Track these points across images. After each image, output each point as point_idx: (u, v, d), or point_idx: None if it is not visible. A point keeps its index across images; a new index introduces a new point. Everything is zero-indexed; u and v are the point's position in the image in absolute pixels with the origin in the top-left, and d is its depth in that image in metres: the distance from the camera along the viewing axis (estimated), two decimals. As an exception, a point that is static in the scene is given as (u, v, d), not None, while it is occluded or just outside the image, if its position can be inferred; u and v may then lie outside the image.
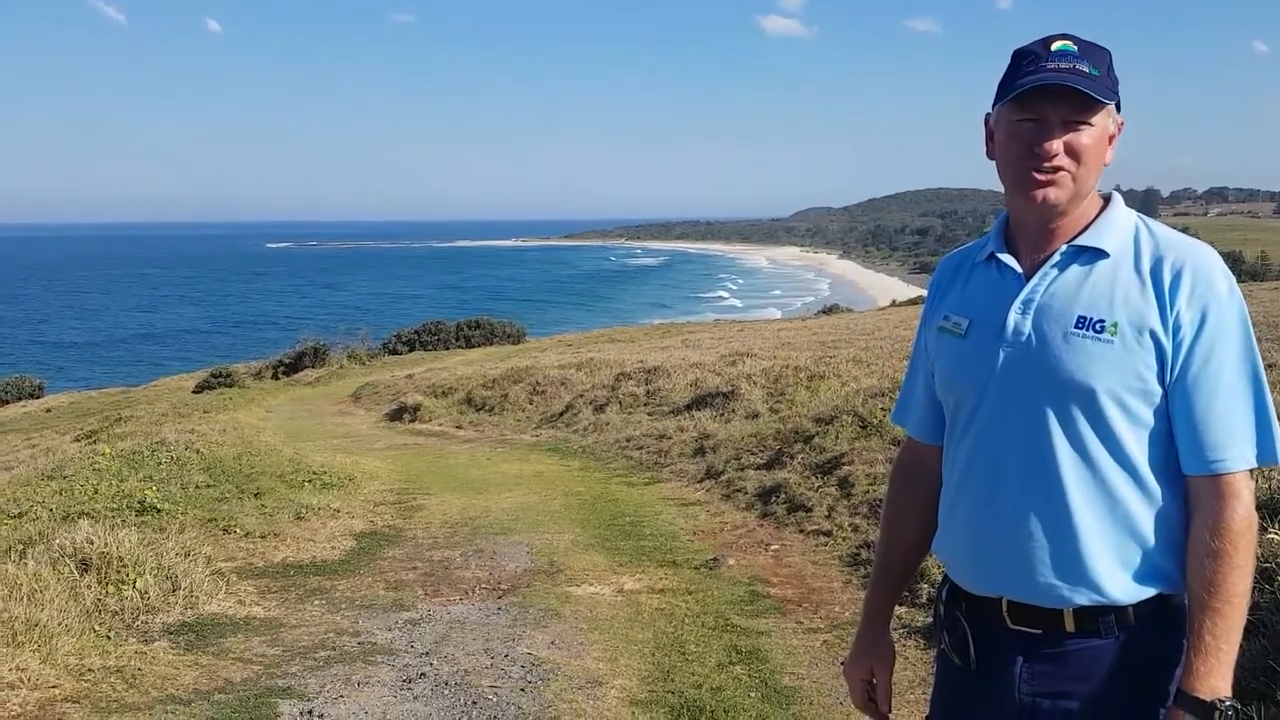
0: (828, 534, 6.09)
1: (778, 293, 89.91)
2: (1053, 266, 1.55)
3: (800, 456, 7.53)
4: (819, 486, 6.82)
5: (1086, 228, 1.55)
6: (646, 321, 43.21)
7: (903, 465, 1.84)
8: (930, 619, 3.35)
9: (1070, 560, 1.49)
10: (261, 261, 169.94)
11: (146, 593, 4.70)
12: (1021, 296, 1.55)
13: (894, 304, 41.50)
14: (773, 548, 6.07)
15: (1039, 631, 1.53)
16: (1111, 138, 1.54)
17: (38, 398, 30.09)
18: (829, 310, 38.77)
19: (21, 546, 5.05)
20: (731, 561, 5.77)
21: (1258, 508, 1.55)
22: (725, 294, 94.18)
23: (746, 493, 7.32)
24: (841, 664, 1.93)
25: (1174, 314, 1.46)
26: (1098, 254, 1.53)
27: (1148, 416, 1.48)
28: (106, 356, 56.56)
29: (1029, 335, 1.53)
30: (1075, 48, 1.50)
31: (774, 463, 7.73)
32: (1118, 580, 1.49)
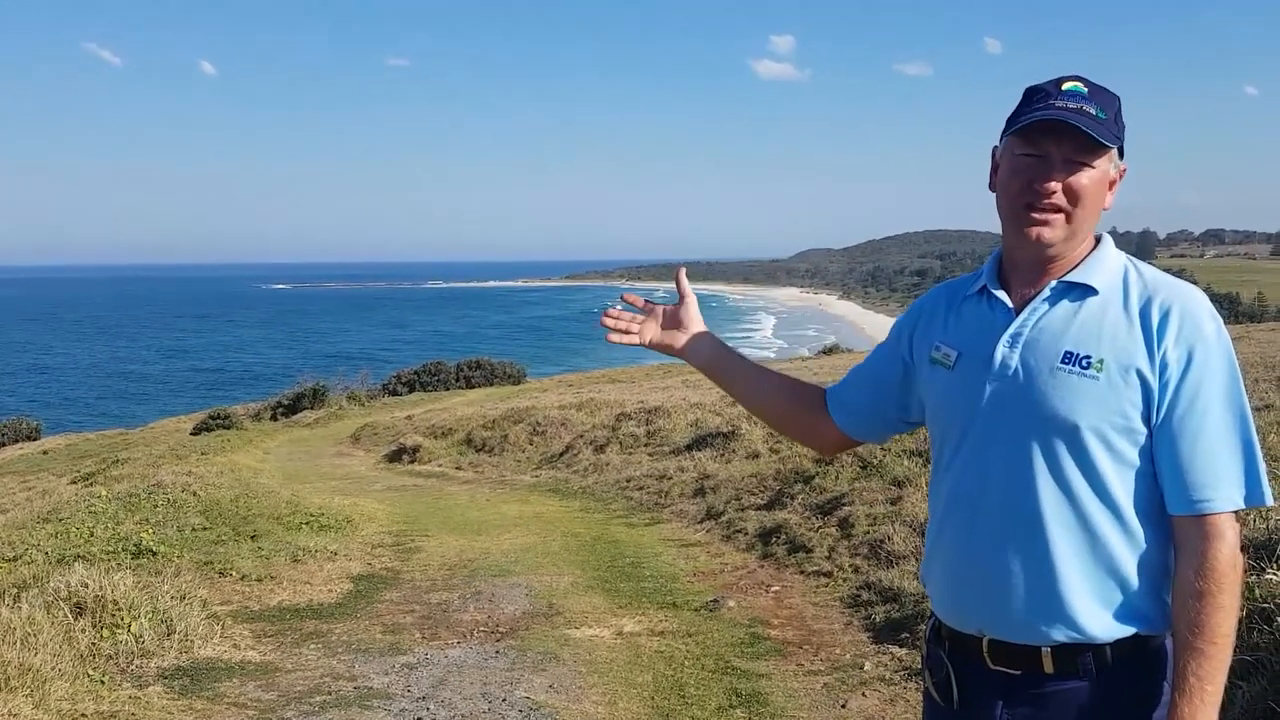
0: (828, 575, 6.05)
1: (812, 331, 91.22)
2: (1043, 301, 1.55)
3: (800, 497, 7.50)
4: (819, 527, 6.79)
5: (1077, 265, 1.56)
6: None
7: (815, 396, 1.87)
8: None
9: (1048, 596, 1.49)
10: (279, 301, 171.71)
11: (141, 637, 4.65)
12: (1010, 330, 1.56)
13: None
14: (773, 589, 6.02)
15: (1018, 672, 1.53)
16: (1112, 183, 1.55)
17: (34, 439, 30.01)
18: (829, 350, 38.81)
19: (15, 590, 5.00)
20: (732, 603, 5.72)
21: (1256, 548, 1.53)
22: (768, 332, 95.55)
23: (747, 533, 7.28)
24: None
25: (1161, 353, 1.46)
26: (1087, 290, 1.54)
27: (1132, 455, 1.48)
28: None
29: (1016, 369, 1.53)
30: (1085, 89, 1.51)
31: (774, 503, 7.70)
32: (1096, 618, 1.48)
